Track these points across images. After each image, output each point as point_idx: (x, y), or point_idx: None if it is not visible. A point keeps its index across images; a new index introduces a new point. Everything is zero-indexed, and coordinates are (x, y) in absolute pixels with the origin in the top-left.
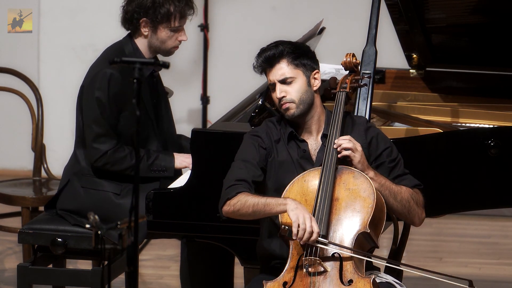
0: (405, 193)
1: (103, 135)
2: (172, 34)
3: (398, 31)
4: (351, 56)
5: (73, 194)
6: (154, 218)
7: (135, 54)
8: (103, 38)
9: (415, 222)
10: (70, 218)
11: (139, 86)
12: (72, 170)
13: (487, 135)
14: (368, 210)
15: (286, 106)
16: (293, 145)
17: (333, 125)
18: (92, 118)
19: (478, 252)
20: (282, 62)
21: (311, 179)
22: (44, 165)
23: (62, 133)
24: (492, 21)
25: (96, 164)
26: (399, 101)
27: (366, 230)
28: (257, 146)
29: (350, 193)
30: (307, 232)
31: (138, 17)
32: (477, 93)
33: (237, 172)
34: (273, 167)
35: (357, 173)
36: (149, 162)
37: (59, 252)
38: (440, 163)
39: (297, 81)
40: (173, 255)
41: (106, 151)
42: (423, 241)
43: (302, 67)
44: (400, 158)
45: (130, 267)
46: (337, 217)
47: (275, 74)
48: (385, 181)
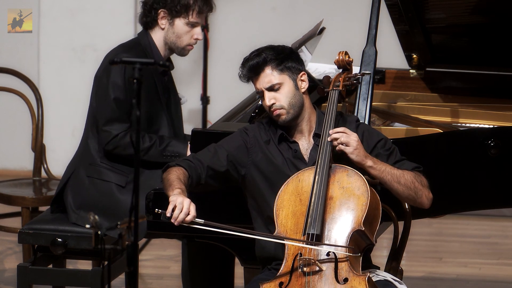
0: (407, 175)
1: (115, 119)
2: (189, 30)
3: (398, 31)
4: (344, 54)
5: (78, 184)
6: (154, 218)
7: (151, 47)
8: (103, 38)
9: (423, 203)
10: (72, 213)
11: (139, 86)
12: (79, 159)
13: (487, 135)
14: (362, 208)
15: (277, 113)
16: (285, 146)
17: (326, 124)
18: (106, 102)
19: (478, 252)
20: (266, 70)
21: (305, 178)
22: (44, 165)
23: (62, 133)
24: (492, 21)
25: (107, 147)
26: (399, 101)
27: (360, 228)
28: (240, 141)
29: (344, 192)
30: (183, 212)
31: (157, 7)
32: (477, 93)
33: (202, 152)
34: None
35: (350, 171)
36: (162, 147)
37: (59, 252)
38: (440, 163)
39: (285, 86)
40: (173, 255)
41: (116, 134)
42: (423, 241)
43: (287, 71)
44: (395, 147)
45: (130, 267)
46: (332, 216)
47: (262, 82)
48: (385, 167)
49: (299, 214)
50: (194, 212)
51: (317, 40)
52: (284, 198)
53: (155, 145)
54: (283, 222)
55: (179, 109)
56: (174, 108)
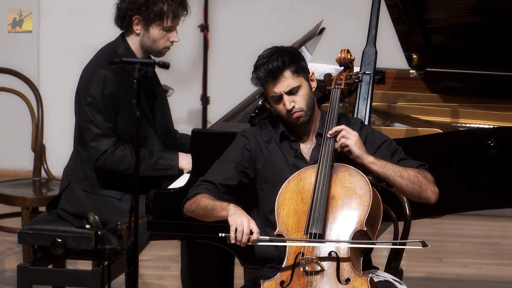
0: (410, 170)
1: (101, 134)
2: (164, 34)
3: (398, 32)
4: (346, 52)
5: (74, 197)
6: (154, 219)
7: (127, 54)
8: (103, 38)
9: (429, 197)
10: (73, 220)
11: (139, 87)
12: (73, 172)
13: (487, 135)
14: (365, 207)
15: (298, 115)
16: (286, 145)
17: (328, 123)
18: (89, 119)
19: (478, 253)
20: (285, 73)
21: (307, 177)
22: (44, 166)
23: (62, 133)
24: (492, 22)
25: (97, 164)
26: (399, 102)
27: (362, 228)
28: (242, 147)
29: (346, 191)
30: (245, 233)
31: (131, 14)
32: (477, 94)
33: (210, 172)
34: (266, 168)
35: (353, 170)
36: (152, 161)
37: (59, 252)
38: (440, 163)
39: (302, 89)
40: (173, 255)
41: (105, 150)
42: None
43: (302, 73)
44: (400, 147)
45: (130, 268)
46: (334, 215)
47: (281, 87)
48: (386, 163)
49: (300, 212)
50: (256, 228)
51: (317, 40)
52: (286, 196)
53: (145, 159)
54: (284, 221)
55: (167, 106)
56: (161, 106)
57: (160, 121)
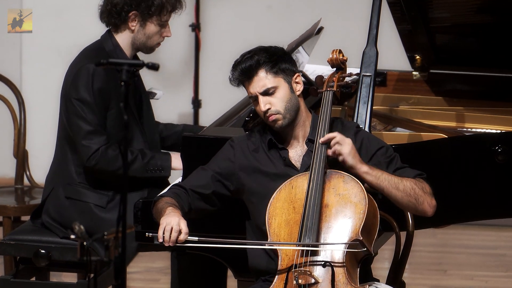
0: (407, 181)
1: (92, 132)
2: (159, 29)
3: (400, 31)
4: (338, 52)
5: (57, 204)
6: (143, 228)
7: (116, 51)
8: (89, 38)
9: (426, 210)
10: (57, 230)
11: (127, 89)
12: (56, 177)
13: (494, 140)
14: (360, 216)
15: (273, 118)
16: (275, 153)
17: (320, 128)
18: (79, 114)
19: (485, 264)
20: (260, 73)
21: (299, 185)
22: (27, 173)
23: (46, 139)
24: (499, 20)
25: (88, 163)
26: (401, 105)
27: (358, 238)
28: (226, 157)
29: (340, 199)
30: (173, 231)
31: (129, 9)
32: (483, 97)
33: (188, 177)
34: (254, 180)
35: (347, 177)
36: (145, 161)
37: (43, 264)
38: (445, 170)
39: (280, 90)
40: (163, 267)
41: (97, 148)
42: (427, 253)
43: (281, 73)
44: (396, 155)
45: (118, 280)
46: (328, 225)
47: (255, 87)
48: (381, 173)
49: (292, 223)
50: (186, 229)
51: (315, 41)
52: (277, 206)
53: (138, 159)
54: (276, 231)
55: (151, 108)
56: (146, 109)
57: (146, 123)
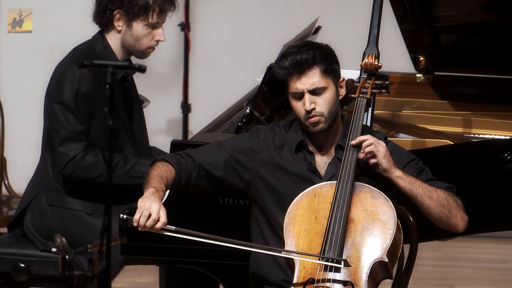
0: (440, 191)
1: (70, 138)
2: (149, 31)
3: (403, 31)
4: (373, 57)
5: (39, 212)
6: (128, 241)
7: (106, 53)
8: (73, 38)
9: (458, 224)
10: (37, 241)
11: (112, 93)
12: (39, 184)
13: (503, 147)
14: (387, 236)
15: (316, 120)
16: (301, 155)
17: (351, 134)
18: (59, 119)
19: (493, 279)
20: (314, 70)
21: (324, 194)
22: (5, 181)
23: (26, 145)
24: (508, 19)
25: (65, 171)
26: (404, 109)
27: (384, 259)
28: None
29: (367, 215)
30: (151, 219)
31: (113, 8)
32: (491, 100)
33: (200, 148)
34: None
35: (376, 192)
36: (127, 168)
37: (22, 279)
38: (450, 179)
39: (328, 92)
40: (150, 282)
41: (74, 155)
42: (432, 267)
43: (332, 75)
44: (426, 167)
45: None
46: (352, 241)
47: (305, 83)
48: (415, 179)
49: (313, 233)
50: (164, 219)
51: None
52: (297, 213)
53: (119, 166)
54: (295, 240)
55: (142, 118)
56: (137, 116)
57: (137, 132)
